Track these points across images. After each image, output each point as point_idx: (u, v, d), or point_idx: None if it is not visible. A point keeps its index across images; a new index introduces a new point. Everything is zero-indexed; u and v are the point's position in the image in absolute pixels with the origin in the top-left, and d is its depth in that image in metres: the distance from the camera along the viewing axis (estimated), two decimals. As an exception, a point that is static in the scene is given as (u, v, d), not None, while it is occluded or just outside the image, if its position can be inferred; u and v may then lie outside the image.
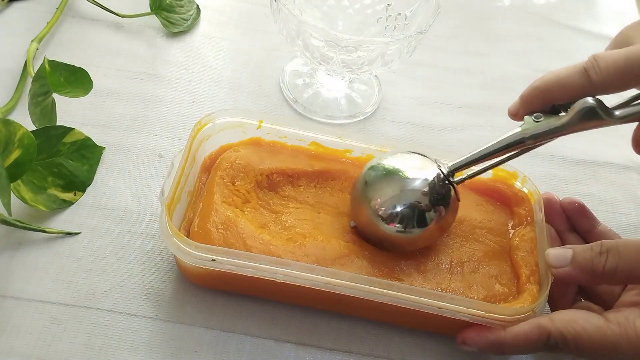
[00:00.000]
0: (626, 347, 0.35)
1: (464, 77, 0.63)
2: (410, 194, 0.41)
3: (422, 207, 0.40)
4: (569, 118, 0.38)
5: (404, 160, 0.43)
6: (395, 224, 0.41)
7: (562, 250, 0.39)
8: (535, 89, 0.40)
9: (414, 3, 0.53)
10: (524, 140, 0.39)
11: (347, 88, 0.59)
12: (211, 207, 0.42)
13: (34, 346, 0.39)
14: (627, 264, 0.36)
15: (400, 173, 0.42)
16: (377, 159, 0.43)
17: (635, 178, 0.56)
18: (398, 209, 0.41)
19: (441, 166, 0.42)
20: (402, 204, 0.41)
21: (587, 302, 0.42)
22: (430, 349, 0.43)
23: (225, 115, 0.46)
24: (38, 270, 0.43)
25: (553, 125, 0.39)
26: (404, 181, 0.41)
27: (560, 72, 0.39)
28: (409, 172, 0.42)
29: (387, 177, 0.42)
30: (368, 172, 0.43)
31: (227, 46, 0.61)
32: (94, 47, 0.58)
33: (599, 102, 0.38)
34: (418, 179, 0.41)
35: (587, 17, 0.72)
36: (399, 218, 0.41)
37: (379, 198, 0.41)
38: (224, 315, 0.42)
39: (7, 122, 0.40)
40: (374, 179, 0.42)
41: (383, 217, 0.41)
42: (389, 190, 0.41)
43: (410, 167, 0.42)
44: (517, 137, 0.40)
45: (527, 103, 0.40)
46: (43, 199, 0.45)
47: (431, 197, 0.41)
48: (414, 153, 0.43)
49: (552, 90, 0.39)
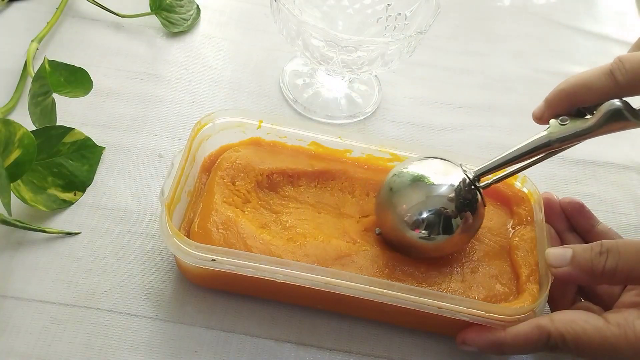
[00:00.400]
0: (625, 348, 0.35)
1: (464, 77, 0.63)
2: (436, 200, 0.40)
3: (449, 213, 0.40)
4: (595, 120, 0.38)
5: (429, 165, 0.42)
6: (422, 231, 0.40)
7: (561, 250, 0.39)
8: (560, 92, 0.39)
9: (414, 3, 0.53)
10: (551, 144, 0.39)
11: (347, 88, 0.59)
12: (211, 207, 0.42)
13: (34, 346, 0.39)
14: (626, 264, 0.36)
15: (425, 179, 0.41)
16: (402, 165, 0.43)
17: (635, 178, 0.56)
18: (424, 215, 0.40)
19: (467, 171, 0.42)
20: (428, 210, 0.40)
21: (586, 303, 0.42)
22: (430, 349, 0.43)
23: (225, 115, 0.46)
24: (38, 270, 0.43)
25: (580, 128, 0.38)
26: (429, 187, 0.41)
27: (585, 74, 0.39)
28: (434, 177, 0.41)
29: (412, 184, 0.41)
30: (393, 178, 0.42)
31: (227, 46, 0.61)
32: (94, 47, 0.58)
33: (626, 103, 0.37)
34: (444, 185, 0.41)
35: (587, 17, 0.72)
36: (425, 224, 0.40)
37: (404, 204, 0.41)
38: (224, 315, 0.42)
39: (7, 122, 0.40)
40: (399, 185, 0.42)
41: (409, 223, 0.41)
42: (415, 197, 0.41)
43: (435, 173, 0.41)
44: (543, 140, 0.39)
45: (552, 106, 0.40)
46: (43, 199, 0.45)
47: (457, 203, 0.40)
48: (438, 158, 0.43)
49: (578, 93, 0.39)
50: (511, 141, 0.56)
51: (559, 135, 0.39)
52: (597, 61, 0.65)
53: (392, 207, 0.41)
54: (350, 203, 0.46)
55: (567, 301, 0.42)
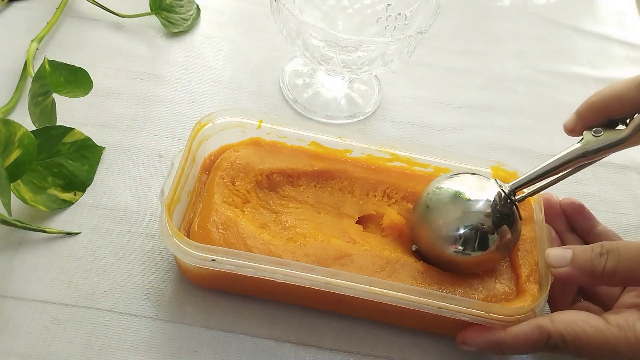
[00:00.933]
0: (625, 349, 0.35)
1: (464, 77, 0.63)
2: (473, 216, 0.40)
3: (485, 229, 0.40)
4: (630, 131, 0.38)
5: (463, 181, 0.42)
6: (458, 246, 0.40)
7: (562, 251, 0.39)
8: (592, 104, 0.40)
9: (414, 3, 0.53)
10: (587, 155, 0.40)
11: (347, 88, 0.59)
12: (211, 207, 0.42)
13: (34, 346, 0.39)
14: (626, 265, 0.36)
15: (461, 195, 0.41)
16: (437, 181, 0.43)
17: (635, 178, 0.56)
18: (461, 231, 0.40)
19: (502, 186, 0.42)
20: (465, 226, 0.40)
21: (586, 303, 0.42)
22: (430, 349, 0.43)
23: (225, 115, 0.46)
24: (38, 270, 0.43)
25: (614, 139, 0.39)
26: (466, 203, 0.41)
27: (616, 86, 0.39)
28: (470, 193, 0.41)
29: (449, 200, 0.41)
30: (429, 196, 0.42)
31: (227, 46, 0.61)
32: (94, 47, 0.58)
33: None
34: (480, 200, 0.41)
35: (587, 17, 0.72)
36: (462, 240, 0.40)
37: (441, 221, 0.41)
38: (224, 315, 0.42)
39: (7, 122, 0.40)
40: (436, 202, 0.42)
41: (446, 239, 0.41)
42: (452, 213, 0.41)
43: (470, 188, 0.42)
44: (579, 152, 0.40)
45: (584, 119, 0.41)
46: (43, 199, 0.45)
47: (494, 218, 0.40)
48: (472, 174, 0.43)
49: (610, 105, 0.39)
50: (511, 141, 0.57)
51: (595, 146, 0.40)
52: (597, 61, 0.66)
53: (428, 224, 0.42)
54: (350, 203, 0.46)
55: (567, 301, 0.42)
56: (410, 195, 0.46)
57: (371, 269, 0.41)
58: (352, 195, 0.46)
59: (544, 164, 0.41)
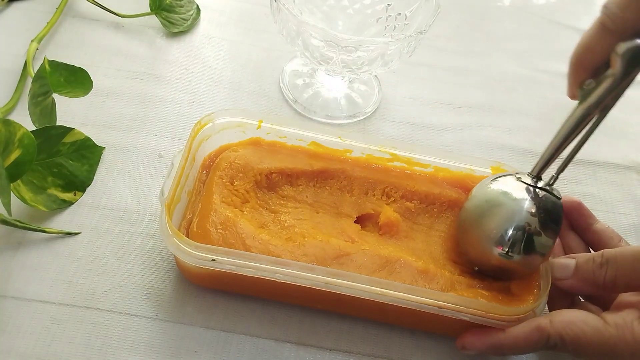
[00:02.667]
0: (624, 349, 0.35)
1: (464, 77, 0.63)
2: (519, 217, 0.40)
3: (532, 230, 0.40)
4: (618, 66, 0.37)
5: (500, 185, 0.42)
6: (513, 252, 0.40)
7: (565, 262, 0.39)
8: (572, 65, 0.40)
9: (414, 3, 0.53)
10: (590, 111, 0.39)
11: (347, 88, 0.59)
12: (210, 207, 0.42)
13: (34, 346, 0.39)
14: (624, 274, 0.37)
15: (502, 197, 0.41)
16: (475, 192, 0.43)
17: (635, 178, 0.56)
18: (510, 232, 0.40)
19: (521, 177, 0.42)
20: (514, 228, 0.40)
21: (585, 302, 0.42)
22: (430, 349, 0.43)
23: (225, 115, 0.46)
24: (38, 270, 0.43)
25: (607, 84, 0.38)
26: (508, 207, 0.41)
27: (582, 38, 0.39)
28: (507, 196, 0.41)
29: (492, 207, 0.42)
30: (470, 207, 0.43)
31: (227, 46, 0.61)
32: (94, 47, 0.58)
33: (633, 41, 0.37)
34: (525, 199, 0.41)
35: (587, 17, 0.72)
36: (513, 242, 0.40)
37: (491, 227, 0.41)
38: (224, 315, 0.42)
39: (7, 122, 0.40)
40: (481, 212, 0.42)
41: (499, 245, 0.40)
42: (499, 218, 0.41)
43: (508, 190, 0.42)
44: (580, 112, 0.39)
45: (575, 80, 0.40)
46: (43, 199, 0.45)
47: (539, 217, 0.40)
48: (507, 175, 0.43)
49: (585, 59, 0.39)
50: (511, 141, 0.57)
51: (592, 99, 0.39)
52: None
53: (478, 234, 0.42)
54: (349, 202, 0.46)
55: (566, 301, 0.42)
56: (410, 194, 0.46)
57: (370, 268, 0.41)
58: (350, 195, 0.46)
59: (554, 139, 0.40)
